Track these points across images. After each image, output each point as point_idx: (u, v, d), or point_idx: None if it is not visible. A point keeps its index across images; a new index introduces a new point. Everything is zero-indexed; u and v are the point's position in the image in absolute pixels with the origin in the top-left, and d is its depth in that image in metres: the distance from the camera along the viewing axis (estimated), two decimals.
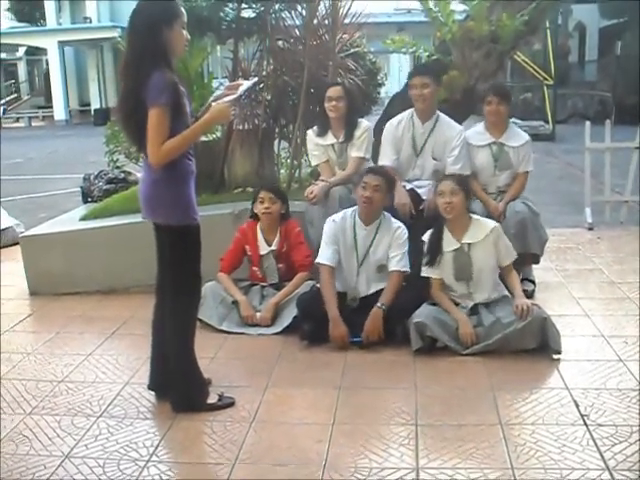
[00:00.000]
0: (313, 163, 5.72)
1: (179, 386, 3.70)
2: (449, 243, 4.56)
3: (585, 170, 7.93)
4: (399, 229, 4.71)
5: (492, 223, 4.63)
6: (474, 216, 4.63)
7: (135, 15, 3.47)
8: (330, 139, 5.49)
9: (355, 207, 4.78)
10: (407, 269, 4.63)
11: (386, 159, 5.35)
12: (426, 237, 4.63)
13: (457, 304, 4.54)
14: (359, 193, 4.68)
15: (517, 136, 5.53)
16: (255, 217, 5.12)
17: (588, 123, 7.93)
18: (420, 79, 5.27)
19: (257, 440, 3.41)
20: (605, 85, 22.46)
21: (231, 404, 3.75)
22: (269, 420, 3.60)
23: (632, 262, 6.31)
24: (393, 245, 4.66)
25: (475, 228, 4.57)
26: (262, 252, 5.09)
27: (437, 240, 4.57)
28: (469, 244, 4.53)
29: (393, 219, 4.78)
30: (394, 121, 5.46)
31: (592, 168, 7.87)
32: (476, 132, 5.53)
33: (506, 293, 4.58)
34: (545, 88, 19.26)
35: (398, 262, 4.62)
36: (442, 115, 5.41)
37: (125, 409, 3.76)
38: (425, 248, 4.61)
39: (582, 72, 27.52)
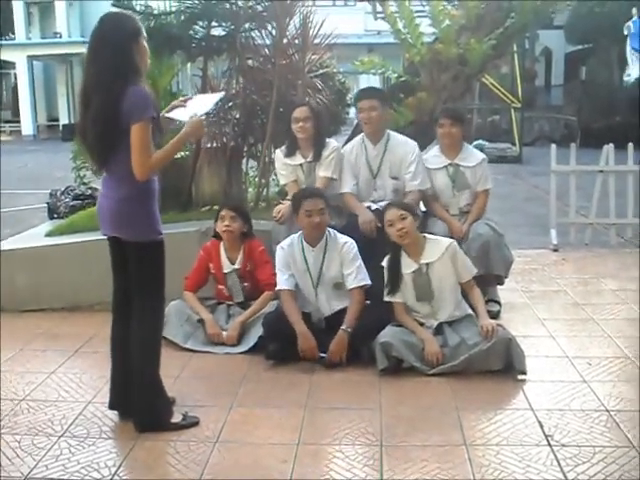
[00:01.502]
0: (281, 182, 5.72)
1: (143, 405, 3.65)
2: (407, 265, 4.58)
3: (551, 192, 8.03)
4: (346, 244, 4.71)
5: (447, 240, 4.66)
6: (428, 236, 4.67)
7: (100, 31, 3.45)
8: (298, 159, 5.49)
9: (301, 232, 4.78)
10: (366, 282, 4.64)
11: (346, 186, 5.39)
12: (385, 263, 4.65)
13: (422, 324, 4.56)
14: (304, 220, 4.65)
15: (472, 156, 5.59)
16: (217, 236, 5.11)
17: (554, 146, 8.05)
18: (368, 102, 5.32)
19: (221, 460, 3.37)
20: (571, 109, 22.84)
21: (195, 423, 3.71)
22: (233, 440, 3.57)
23: (596, 284, 6.39)
24: (344, 262, 4.66)
25: (431, 247, 4.59)
26: (225, 270, 5.06)
27: (396, 265, 4.59)
28: (427, 264, 4.56)
29: (339, 235, 4.79)
30: (347, 147, 5.53)
31: (557, 190, 7.97)
32: (432, 156, 5.60)
33: (470, 312, 4.59)
34: (512, 111, 19.53)
35: (354, 279, 4.63)
36: (393, 133, 5.46)
37: (87, 428, 3.70)
38: (385, 275, 4.63)
39: (548, 96, 27.97)
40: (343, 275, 4.67)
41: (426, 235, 4.67)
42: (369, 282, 4.66)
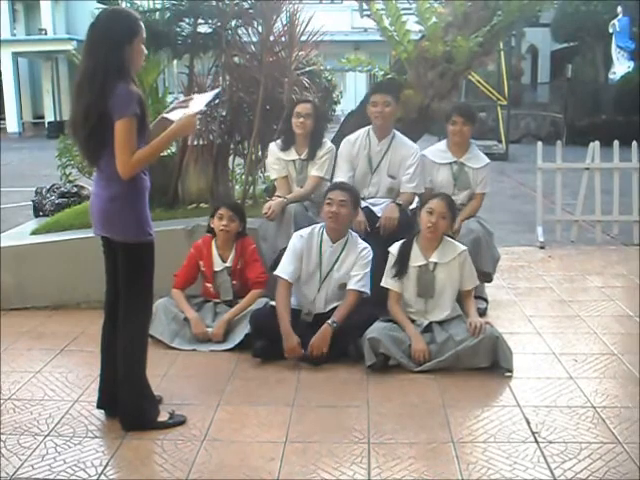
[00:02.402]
0: (272, 177, 5.70)
1: (129, 404, 3.64)
2: (416, 258, 4.58)
3: (537, 190, 8.05)
4: (365, 249, 4.70)
5: (461, 247, 4.66)
6: (446, 237, 4.66)
7: (96, 28, 3.41)
8: (292, 155, 5.48)
9: (323, 223, 4.77)
10: (365, 290, 4.62)
11: (341, 176, 5.37)
12: (394, 249, 4.65)
13: (412, 321, 4.56)
14: (325, 209, 4.67)
15: (478, 158, 5.60)
16: (211, 232, 5.09)
17: (540, 143, 8.06)
18: (382, 97, 5.33)
19: (208, 459, 3.36)
20: (556, 107, 22.93)
21: (182, 422, 3.70)
22: (221, 438, 3.56)
23: (582, 280, 6.42)
24: (357, 264, 4.65)
25: (444, 248, 4.59)
26: (216, 268, 5.05)
27: (406, 253, 4.59)
28: (435, 263, 4.56)
29: (360, 239, 4.77)
30: (351, 138, 5.49)
31: (543, 188, 7.99)
32: (438, 150, 5.60)
33: (460, 312, 4.60)
34: (499, 108, 19.57)
35: (357, 282, 4.61)
36: (398, 133, 5.46)
37: (73, 428, 3.68)
38: (393, 260, 4.62)
39: (534, 93, 28.06)
40: (349, 275, 4.66)
41: (444, 236, 4.66)
42: (368, 293, 4.64)
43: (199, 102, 3.78)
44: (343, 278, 4.67)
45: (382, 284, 4.65)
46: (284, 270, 4.65)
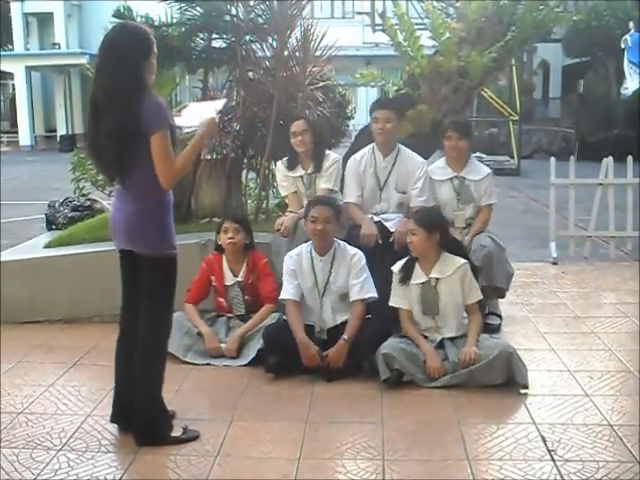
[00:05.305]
0: (282, 194, 5.72)
1: (143, 419, 3.62)
2: (417, 276, 4.57)
3: (550, 205, 8.02)
4: (355, 256, 4.71)
5: (461, 260, 4.63)
6: (445, 252, 4.63)
7: (111, 44, 3.41)
8: (299, 171, 5.50)
9: (310, 241, 4.78)
10: (370, 295, 4.63)
11: (351, 195, 5.38)
12: (396, 268, 4.63)
13: (425, 337, 4.54)
14: (309, 227, 4.68)
15: (478, 170, 5.58)
16: (219, 249, 5.08)
17: (553, 159, 8.04)
18: (383, 113, 5.32)
19: (222, 475, 3.34)
20: (568, 122, 22.91)
21: (195, 437, 3.68)
22: (234, 454, 3.54)
23: (596, 297, 6.38)
24: (351, 273, 4.66)
25: (444, 263, 4.57)
26: (228, 283, 5.04)
27: (409, 270, 4.58)
28: (437, 279, 4.54)
29: (348, 246, 4.78)
30: (356, 157, 5.50)
31: (556, 203, 7.96)
32: (437, 167, 5.58)
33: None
34: (510, 124, 19.56)
35: (359, 291, 4.62)
36: (403, 148, 5.45)
37: (87, 442, 3.67)
38: (397, 278, 4.61)
39: (546, 109, 28.04)
40: (349, 286, 4.65)
41: (442, 251, 4.62)
42: (375, 295, 4.65)
43: (198, 111, 3.81)
44: (342, 288, 4.68)
45: (390, 304, 4.63)
46: (286, 292, 4.69)
